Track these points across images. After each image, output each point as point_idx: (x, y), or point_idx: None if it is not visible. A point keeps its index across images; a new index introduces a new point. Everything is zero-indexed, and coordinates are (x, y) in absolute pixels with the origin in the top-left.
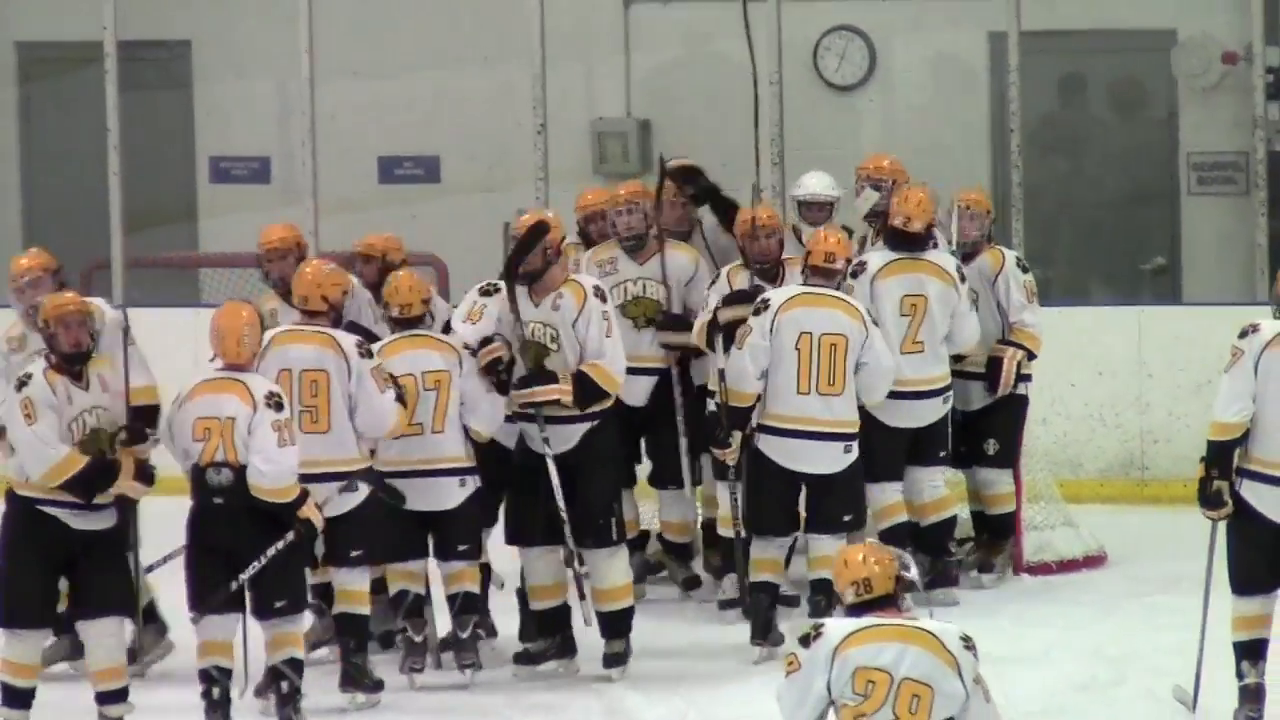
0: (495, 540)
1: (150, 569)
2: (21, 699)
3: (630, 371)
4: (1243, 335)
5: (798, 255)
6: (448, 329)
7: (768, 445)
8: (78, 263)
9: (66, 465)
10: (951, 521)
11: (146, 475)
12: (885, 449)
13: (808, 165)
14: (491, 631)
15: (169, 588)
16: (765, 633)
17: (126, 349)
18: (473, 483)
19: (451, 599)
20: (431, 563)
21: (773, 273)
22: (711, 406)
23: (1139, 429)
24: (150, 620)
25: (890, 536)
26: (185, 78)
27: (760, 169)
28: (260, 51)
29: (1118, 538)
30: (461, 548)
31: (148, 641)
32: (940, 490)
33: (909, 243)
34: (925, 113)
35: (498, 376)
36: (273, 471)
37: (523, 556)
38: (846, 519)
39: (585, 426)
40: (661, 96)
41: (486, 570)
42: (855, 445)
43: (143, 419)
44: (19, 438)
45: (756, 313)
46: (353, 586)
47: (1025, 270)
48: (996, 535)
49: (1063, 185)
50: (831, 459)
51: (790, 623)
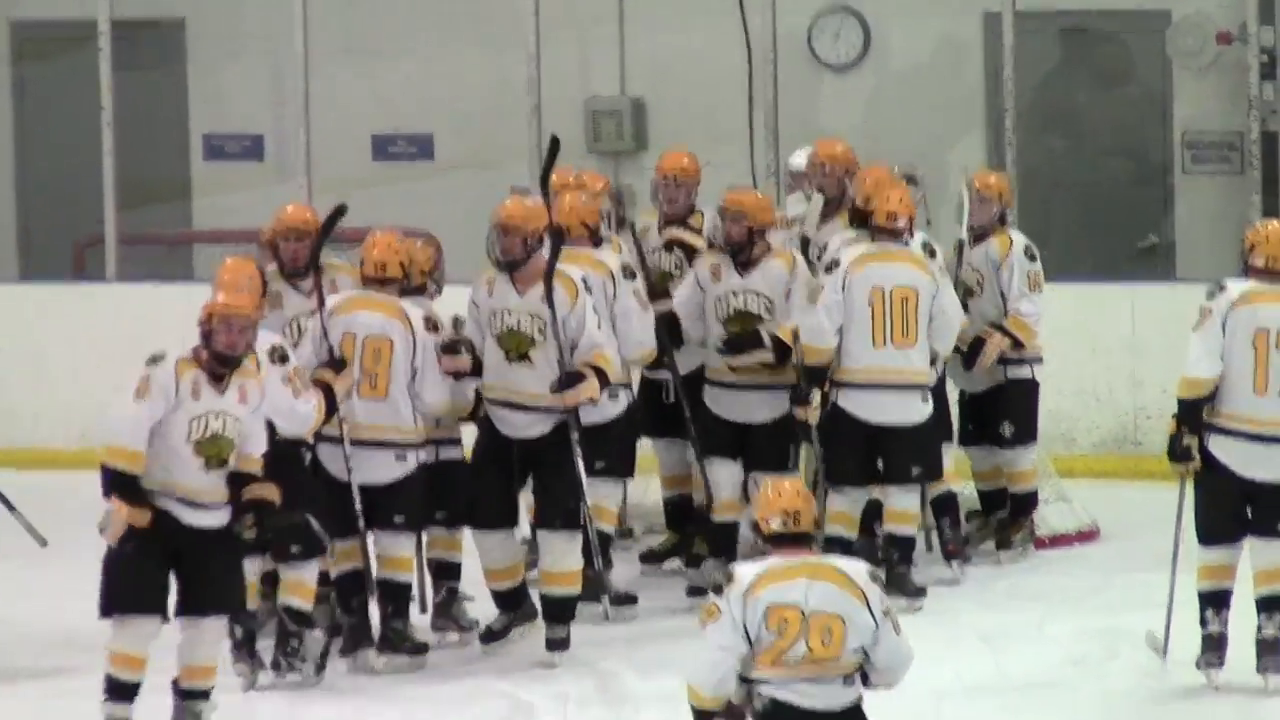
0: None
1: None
2: (127, 692)
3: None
4: (1211, 295)
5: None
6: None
7: (847, 400)
8: (71, 238)
9: (119, 455)
10: (910, 541)
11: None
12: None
13: (801, 145)
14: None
15: None
16: None
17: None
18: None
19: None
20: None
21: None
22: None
23: (1132, 405)
24: None
25: (938, 505)
26: (180, 56)
27: (754, 148)
28: (254, 30)
29: (1111, 513)
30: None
31: None
32: (906, 503)
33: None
34: (920, 92)
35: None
36: (298, 424)
37: (480, 539)
38: (919, 470)
39: (558, 415)
40: (656, 75)
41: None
42: (930, 396)
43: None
44: (121, 401)
45: (828, 270)
46: (396, 553)
47: (1033, 259)
48: (1019, 512)
49: (1057, 164)
50: (910, 409)
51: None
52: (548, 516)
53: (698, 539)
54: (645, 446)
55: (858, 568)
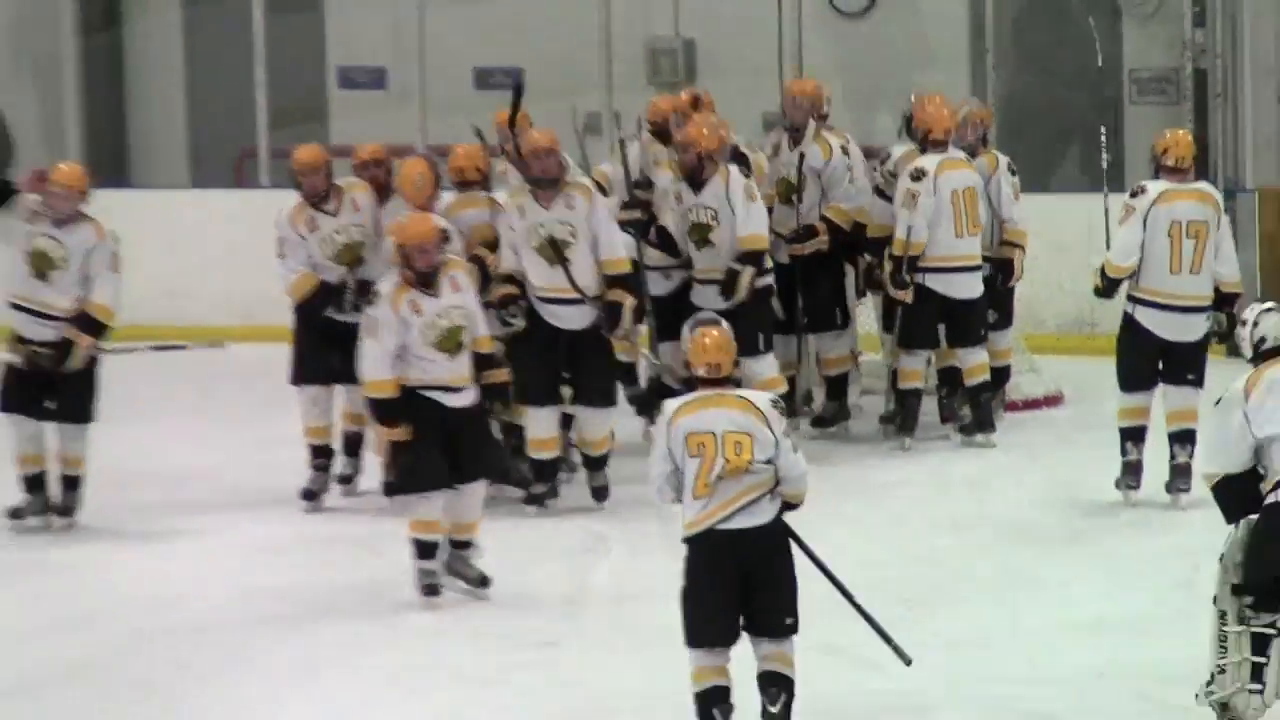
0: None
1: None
2: (430, 550)
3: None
4: (1134, 195)
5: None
6: None
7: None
8: (231, 153)
9: (375, 387)
10: (987, 383)
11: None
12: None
13: (821, 79)
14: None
15: None
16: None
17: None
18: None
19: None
20: None
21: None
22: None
23: (1089, 294)
24: None
25: (942, 376)
26: (318, 5)
27: (782, 81)
28: None
29: (1072, 383)
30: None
31: None
32: (980, 356)
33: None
34: (917, 36)
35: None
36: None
37: (531, 414)
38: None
39: (598, 308)
40: (705, 19)
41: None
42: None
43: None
44: (369, 344)
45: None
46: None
47: (1014, 173)
48: (997, 382)
49: (1028, 96)
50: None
51: None
52: (588, 394)
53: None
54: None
55: (761, 396)
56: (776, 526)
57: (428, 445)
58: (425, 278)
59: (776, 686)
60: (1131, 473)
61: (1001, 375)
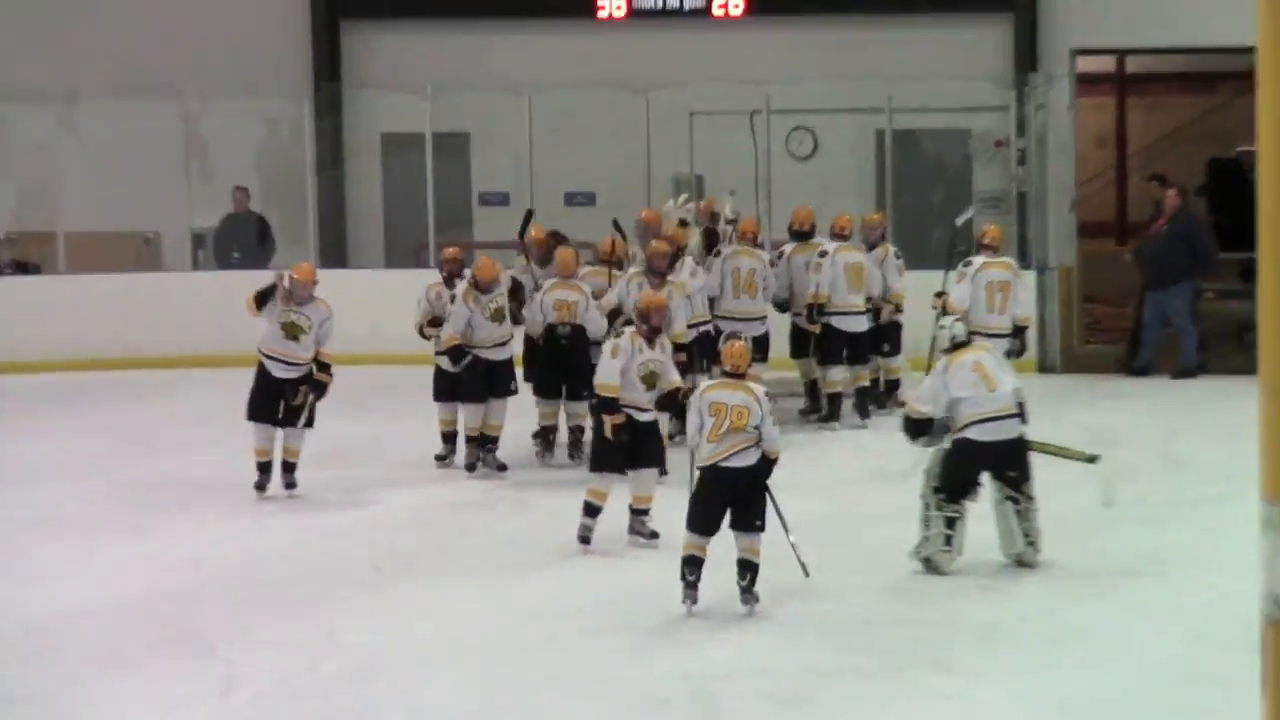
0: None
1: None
2: (596, 511)
3: None
4: (965, 265)
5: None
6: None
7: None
8: (412, 245)
9: (606, 389)
10: (866, 388)
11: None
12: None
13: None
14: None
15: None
16: None
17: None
18: None
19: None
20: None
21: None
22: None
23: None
24: None
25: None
26: (465, 151)
27: (758, 197)
28: (503, 132)
29: None
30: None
31: None
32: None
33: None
34: (842, 171)
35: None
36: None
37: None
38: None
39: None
40: (709, 160)
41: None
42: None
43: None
44: (607, 359)
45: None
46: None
47: (899, 257)
48: (890, 391)
49: (912, 210)
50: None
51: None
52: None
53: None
54: None
55: (759, 387)
56: (757, 468)
57: (620, 442)
58: (653, 332)
59: (746, 568)
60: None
61: (894, 386)
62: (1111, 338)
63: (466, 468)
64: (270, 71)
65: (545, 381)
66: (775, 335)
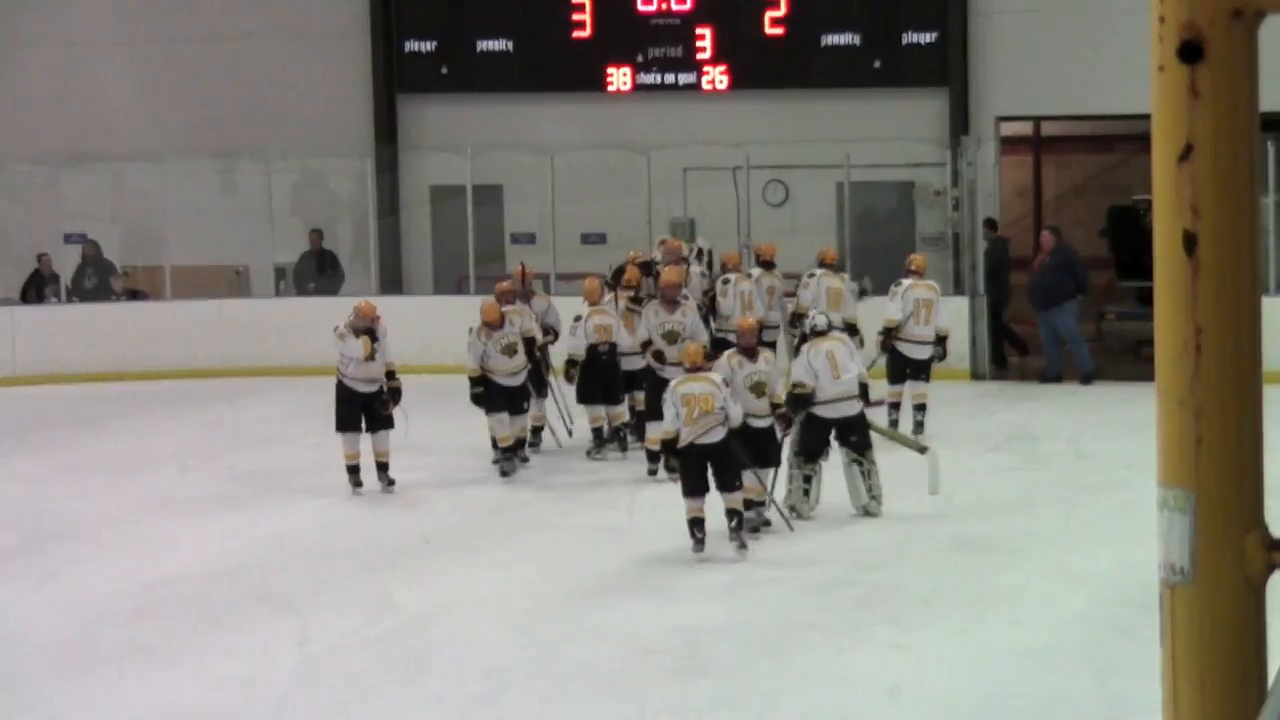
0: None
1: None
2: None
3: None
4: (898, 285)
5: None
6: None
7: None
8: (454, 277)
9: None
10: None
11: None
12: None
13: (748, 238)
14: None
15: None
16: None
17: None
18: None
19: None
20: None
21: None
22: None
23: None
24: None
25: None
26: (500, 201)
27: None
28: (526, 183)
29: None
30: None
31: None
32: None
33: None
34: (812, 217)
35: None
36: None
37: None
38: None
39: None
40: (699, 206)
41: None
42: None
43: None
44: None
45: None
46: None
47: (856, 286)
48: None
49: (869, 248)
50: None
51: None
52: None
53: None
54: None
55: (717, 376)
56: (725, 440)
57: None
58: (749, 351)
59: (732, 514)
60: (894, 408)
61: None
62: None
63: (501, 473)
64: (339, 135)
65: (589, 392)
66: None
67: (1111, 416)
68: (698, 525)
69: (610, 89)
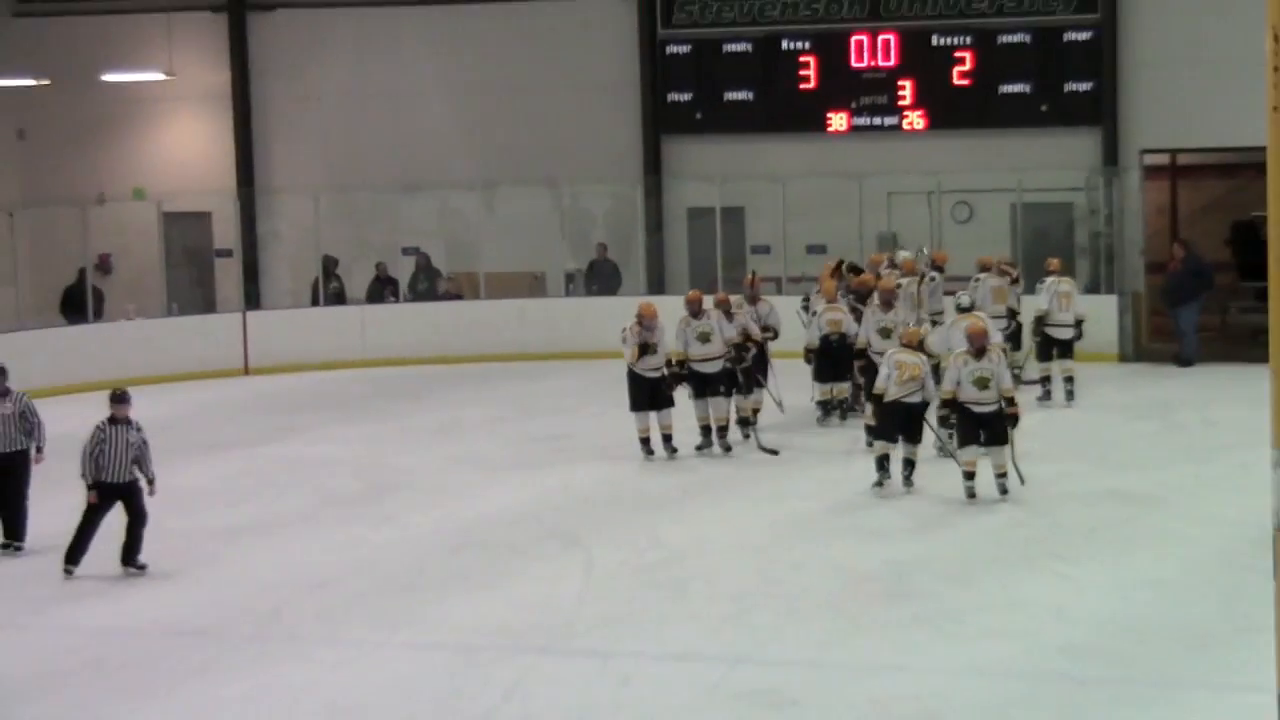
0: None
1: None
2: (884, 463)
3: None
4: (1042, 282)
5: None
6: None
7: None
8: (707, 280)
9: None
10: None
11: None
12: None
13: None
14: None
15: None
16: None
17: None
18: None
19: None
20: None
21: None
22: None
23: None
24: None
25: None
26: (742, 220)
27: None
28: (764, 209)
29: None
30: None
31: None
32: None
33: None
34: (991, 234)
35: None
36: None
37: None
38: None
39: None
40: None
41: None
42: None
43: None
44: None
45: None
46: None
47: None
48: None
49: (1038, 256)
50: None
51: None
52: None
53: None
54: None
55: (922, 356)
56: (920, 404)
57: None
58: (979, 351)
59: (909, 464)
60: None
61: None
62: (1168, 339)
63: (724, 448)
64: (616, 167)
65: (824, 372)
66: None
67: (1234, 392)
68: (884, 461)
69: (830, 129)
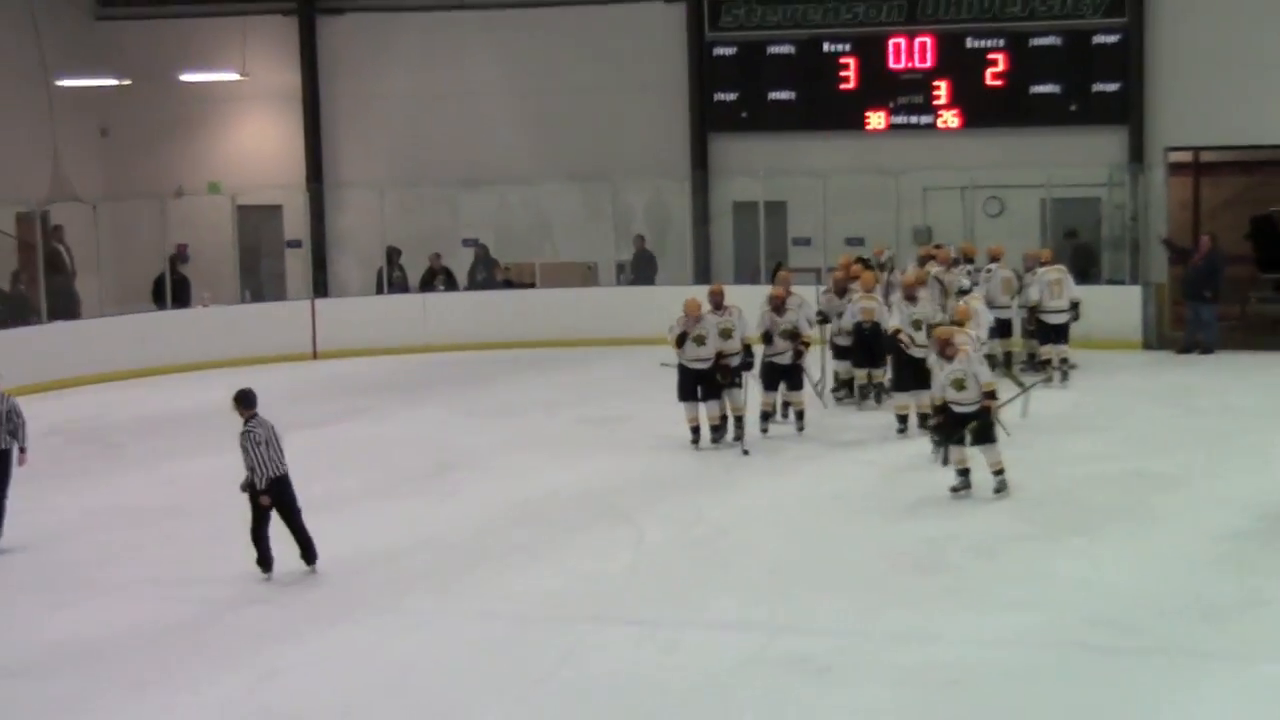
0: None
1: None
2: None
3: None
4: (1032, 273)
5: None
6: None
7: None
8: (750, 270)
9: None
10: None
11: None
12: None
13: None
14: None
15: None
16: None
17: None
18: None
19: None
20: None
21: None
22: None
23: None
24: None
25: None
26: (784, 214)
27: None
28: (806, 203)
29: None
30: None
31: None
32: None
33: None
34: (1021, 227)
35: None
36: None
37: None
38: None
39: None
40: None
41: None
42: None
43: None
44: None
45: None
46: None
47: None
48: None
49: (1070, 248)
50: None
51: None
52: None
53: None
54: None
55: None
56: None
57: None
58: (949, 357)
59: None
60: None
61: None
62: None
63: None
64: (665, 164)
65: (857, 357)
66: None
67: (1251, 379)
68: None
69: (869, 128)
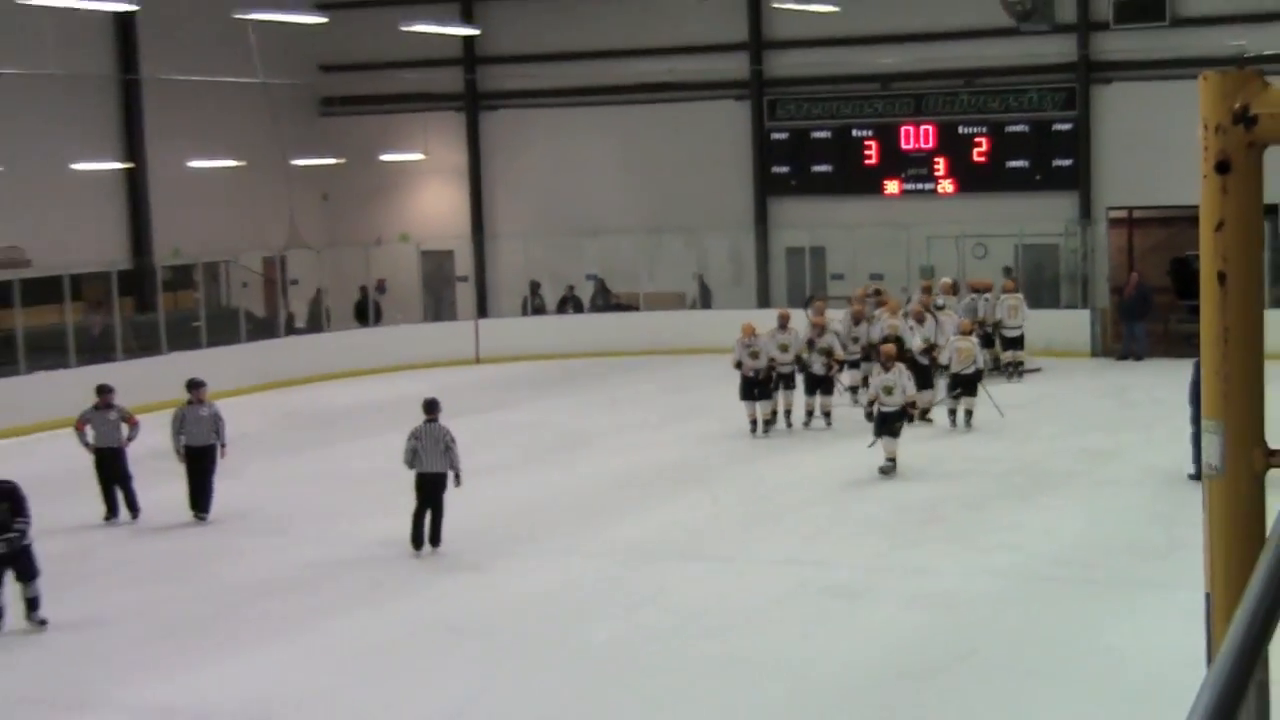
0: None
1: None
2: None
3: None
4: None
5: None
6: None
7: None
8: (802, 297)
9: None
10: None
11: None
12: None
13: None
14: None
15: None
16: None
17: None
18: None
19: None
20: None
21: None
22: None
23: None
24: None
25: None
26: (824, 258)
27: (960, 278)
28: (841, 249)
29: None
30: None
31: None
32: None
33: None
34: (998, 267)
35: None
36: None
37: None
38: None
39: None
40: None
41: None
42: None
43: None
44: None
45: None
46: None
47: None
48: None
49: (1036, 284)
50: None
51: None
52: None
53: None
54: None
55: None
56: (976, 374)
57: (882, 419)
58: (887, 367)
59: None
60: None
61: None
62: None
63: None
64: (733, 218)
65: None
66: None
67: (1172, 379)
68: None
69: (886, 193)
